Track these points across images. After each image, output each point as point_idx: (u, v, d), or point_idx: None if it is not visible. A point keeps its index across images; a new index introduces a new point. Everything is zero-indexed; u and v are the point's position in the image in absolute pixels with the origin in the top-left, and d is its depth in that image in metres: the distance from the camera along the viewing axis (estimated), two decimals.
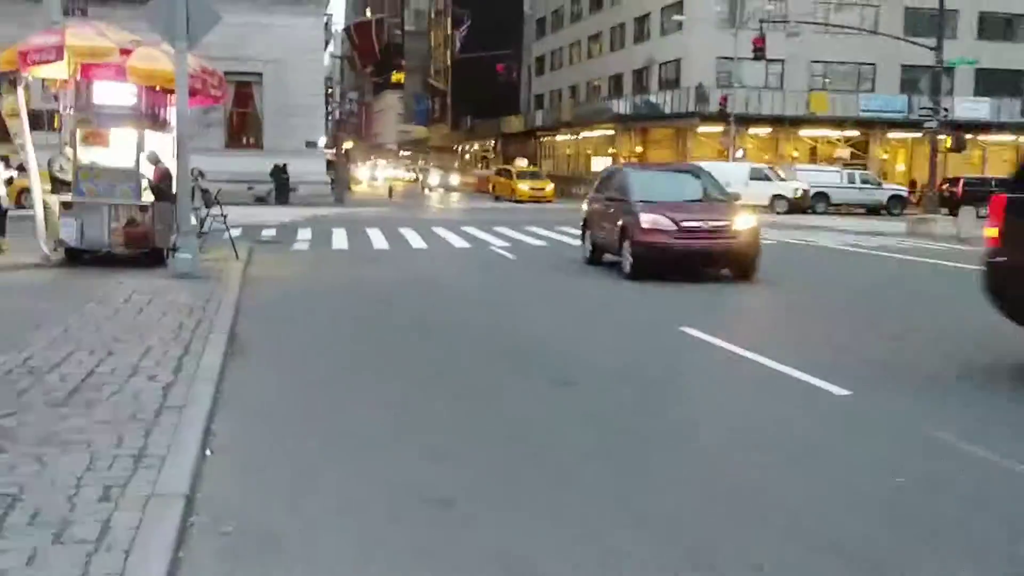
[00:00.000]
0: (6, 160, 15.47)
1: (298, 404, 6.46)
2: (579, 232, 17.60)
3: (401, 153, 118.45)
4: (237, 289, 11.17)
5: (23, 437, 5.00)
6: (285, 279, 13.45)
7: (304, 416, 6.15)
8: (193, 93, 13.09)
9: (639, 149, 51.47)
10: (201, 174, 23.02)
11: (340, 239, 20.81)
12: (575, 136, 60.83)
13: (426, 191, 58.39)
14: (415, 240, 20.88)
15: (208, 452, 5.22)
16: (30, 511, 3.99)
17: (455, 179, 61.06)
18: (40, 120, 27.33)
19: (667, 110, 46.84)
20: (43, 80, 14.35)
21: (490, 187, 49.86)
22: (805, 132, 47.32)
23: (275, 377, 7.28)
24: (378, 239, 20.97)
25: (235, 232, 17.05)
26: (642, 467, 5.22)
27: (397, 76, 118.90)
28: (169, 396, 5.97)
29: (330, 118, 47.46)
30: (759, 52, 34.32)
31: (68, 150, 13.37)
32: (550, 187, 45.32)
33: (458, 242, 20.69)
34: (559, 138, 64.51)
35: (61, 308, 9.30)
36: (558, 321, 10.41)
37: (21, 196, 19.32)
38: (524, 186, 44.68)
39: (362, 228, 23.81)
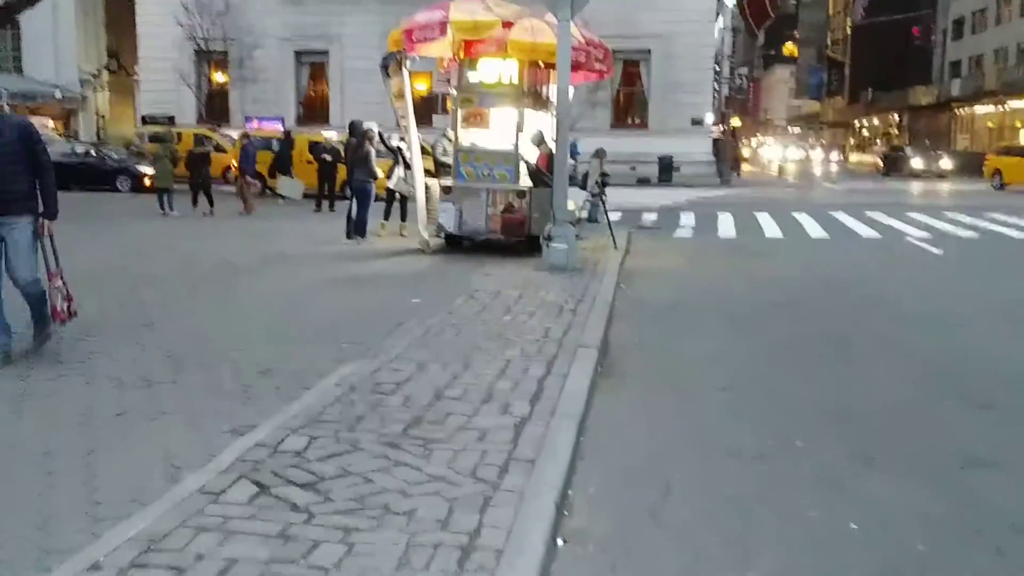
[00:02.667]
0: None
1: (685, 464, 4.84)
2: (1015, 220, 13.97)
3: (791, 130, 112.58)
4: (612, 286, 9.85)
5: (339, 494, 3.93)
6: (666, 273, 11.92)
7: (695, 485, 4.52)
8: (576, 67, 12.04)
9: None
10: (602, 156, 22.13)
11: (726, 225, 18.91)
12: (1000, 107, 52.68)
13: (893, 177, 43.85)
14: (813, 228, 18.35)
15: (560, 541, 3.80)
16: None
17: (946, 162, 43.48)
18: (434, 103, 28.68)
19: None
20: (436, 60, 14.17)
21: (988, 170, 35.53)
22: None
23: (655, 413, 5.72)
24: (769, 226, 18.76)
25: (615, 216, 15.96)
26: None
27: (789, 49, 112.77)
28: (520, 441, 4.66)
29: (717, 95, 45.20)
30: None
31: (451, 132, 12.99)
32: None
33: (863, 230, 17.83)
34: (979, 110, 56.37)
35: (428, 303, 8.60)
36: None
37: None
38: None
39: (750, 212, 21.65)
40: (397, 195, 14.96)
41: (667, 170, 33.17)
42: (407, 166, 13.51)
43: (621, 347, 7.35)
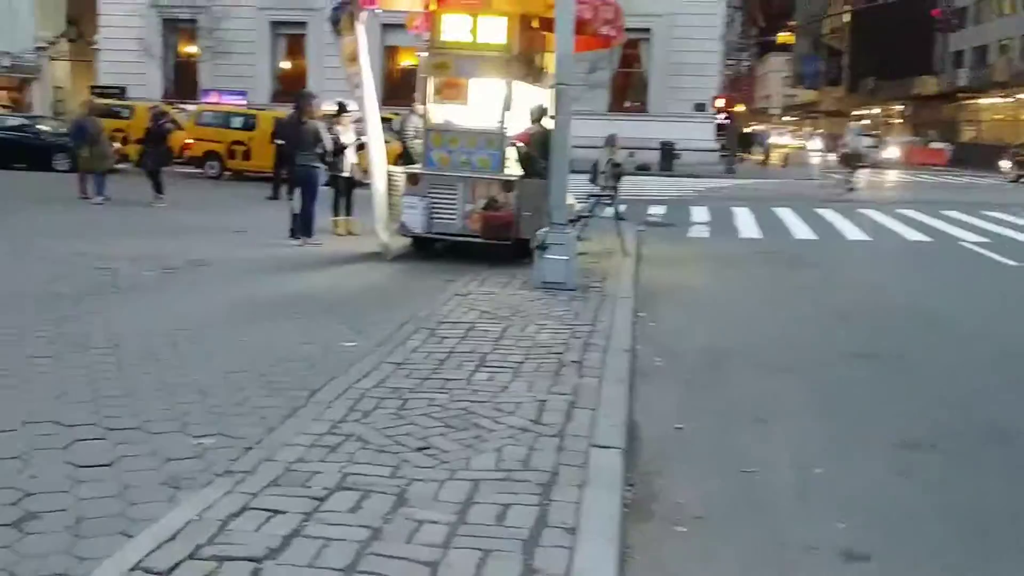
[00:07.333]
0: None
1: None
2: None
3: (784, 118, 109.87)
4: (629, 319, 7.17)
5: None
6: (696, 294, 9.20)
7: None
8: (580, 26, 9.31)
9: None
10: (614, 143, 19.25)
11: (746, 223, 16.26)
12: (1008, 99, 50.07)
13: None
14: (846, 227, 15.72)
15: None
16: None
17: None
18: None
19: None
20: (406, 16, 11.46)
21: None
22: None
23: None
24: (795, 224, 16.12)
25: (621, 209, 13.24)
26: None
27: (783, 37, 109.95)
28: None
29: (722, 79, 42.12)
30: None
31: (421, 107, 10.31)
32: None
33: (908, 232, 15.21)
34: (984, 101, 53.81)
35: (371, 343, 5.95)
36: None
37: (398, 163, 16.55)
38: None
39: (767, 207, 18.99)
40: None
41: (668, 157, 30.44)
42: (361, 148, 10.76)
43: (657, 444, 4.66)
